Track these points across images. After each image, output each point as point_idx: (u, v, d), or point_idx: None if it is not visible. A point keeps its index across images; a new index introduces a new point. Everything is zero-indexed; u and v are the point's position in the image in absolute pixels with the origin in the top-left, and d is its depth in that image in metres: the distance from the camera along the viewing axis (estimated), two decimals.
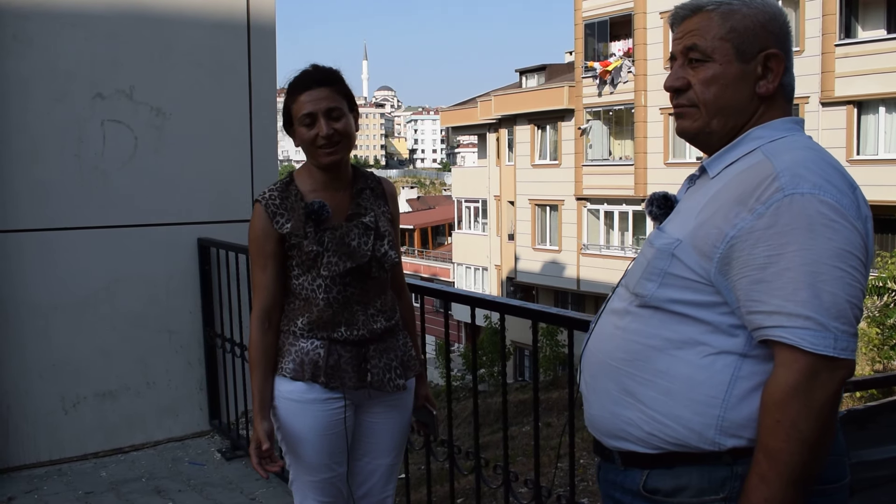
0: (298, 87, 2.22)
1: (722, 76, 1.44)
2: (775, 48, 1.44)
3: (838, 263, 1.26)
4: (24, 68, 3.86)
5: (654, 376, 1.41)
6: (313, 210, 2.19)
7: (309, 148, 2.22)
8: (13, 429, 3.93)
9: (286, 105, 2.26)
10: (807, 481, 1.29)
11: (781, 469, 1.26)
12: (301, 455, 2.25)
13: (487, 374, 20.81)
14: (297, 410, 2.22)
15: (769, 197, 1.30)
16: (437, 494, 6.07)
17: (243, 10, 4.46)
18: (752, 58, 1.43)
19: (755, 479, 1.29)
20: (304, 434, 2.23)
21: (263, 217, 2.22)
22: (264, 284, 2.24)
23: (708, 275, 1.37)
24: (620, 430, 1.46)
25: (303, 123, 2.20)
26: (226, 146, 4.44)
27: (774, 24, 1.44)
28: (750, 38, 1.43)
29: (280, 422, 2.25)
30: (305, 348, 2.22)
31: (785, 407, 1.26)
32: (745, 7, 1.44)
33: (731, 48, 1.43)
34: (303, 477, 2.29)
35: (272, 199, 2.23)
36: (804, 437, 1.25)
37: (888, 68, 16.23)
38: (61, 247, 4.00)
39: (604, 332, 1.54)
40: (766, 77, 1.44)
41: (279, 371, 2.24)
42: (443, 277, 32.36)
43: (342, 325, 2.22)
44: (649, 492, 1.43)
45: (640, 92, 21.22)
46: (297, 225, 2.20)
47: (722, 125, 1.46)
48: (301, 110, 2.19)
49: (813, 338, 1.25)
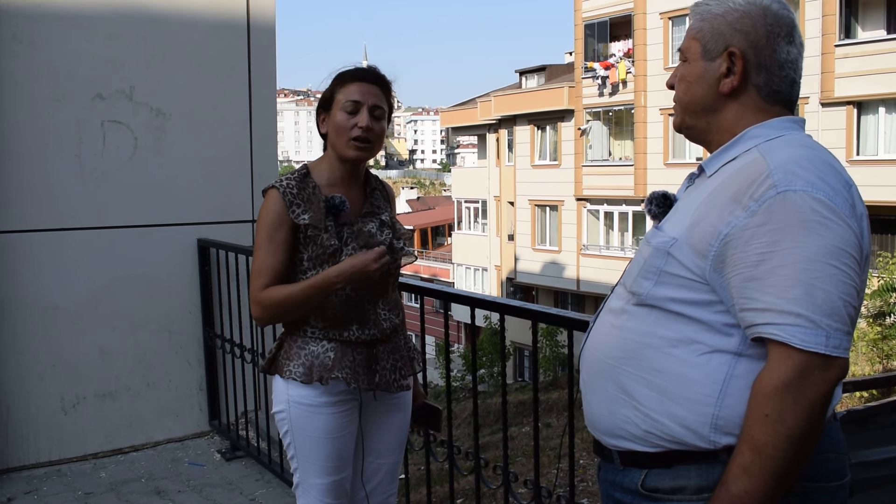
0: (351, 76, 2.21)
1: (689, 74, 1.49)
2: (740, 46, 1.43)
3: (831, 261, 1.26)
4: (24, 68, 3.86)
5: (649, 374, 1.42)
6: (334, 204, 2.15)
7: (341, 135, 2.18)
8: (13, 429, 3.93)
9: (330, 89, 2.22)
10: (789, 477, 1.28)
11: (766, 463, 1.26)
12: (311, 458, 2.23)
13: (487, 374, 20.81)
14: (308, 414, 2.20)
15: (762, 194, 1.30)
16: (436, 495, 6.07)
17: (243, 11, 4.46)
18: (717, 56, 1.45)
19: (737, 469, 1.29)
20: (316, 437, 2.21)
21: (280, 203, 2.14)
22: (273, 268, 2.14)
23: (703, 273, 1.37)
24: (618, 428, 1.46)
25: (346, 109, 2.17)
26: (226, 147, 4.44)
27: (745, 22, 1.44)
28: (715, 37, 1.45)
29: (291, 425, 2.23)
30: (316, 351, 2.19)
31: (774, 401, 1.26)
32: (716, 6, 1.47)
33: (699, 47, 1.48)
34: (311, 480, 2.26)
35: (290, 188, 2.15)
36: (791, 432, 1.25)
37: (888, 69, 16.23)
38: (61, 247, 4.00)
39: (601, 331, 1.54)
40: (728, 75, 1.45)
41: (289, 374, 2.20)
42: (442, 278, 32.34)
43: (354, 325, 2.20)
44: (649, 490, 1.44)
45: (640, 92, 21.22)
46: (316, 217, 2.15)
47: (694, 122, 1.51)
48: (349, 96, 2.17)
49: (804, 335, 1.25)
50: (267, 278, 2.14)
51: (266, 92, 4.55)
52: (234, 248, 4.07)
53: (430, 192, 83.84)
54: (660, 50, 20.70)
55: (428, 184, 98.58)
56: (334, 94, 2.21)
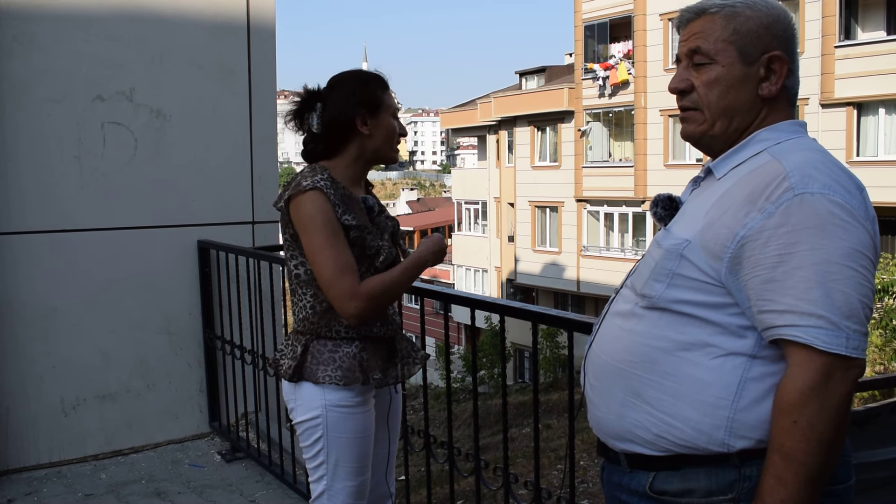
0: (386, 83, 2.33)
1: (725, 78, 1.45)
2: (778, 50, 1.44)
3: (849, 263, 1.27)
4: (24, 70, 3.86)
5: (662, 378, 1.41)
6: (369, 205, 2.25)
7: (390, 139, 2.29)
8: (13, 430, 3.93)
9: (375, 93, 2.27)
10: (822, 481, 1.28)
11: (799, 469, 1.26)
12: (343, 461, 2.23)
13: (487, 375, 20.81)
14: (346, 417, 2.20)
15: (779, 196, 1.30)
16: (436, 496, 6.06)
17: (243, 12, 4.46)
18: (755, 60, 1.44)
19: (771, 480, 1.28)
20: (352, 439, 2.22)
21: (327, 203, 2.12)
22: (352, 263, 2.13)
23: (718, 275, 1.36)
24: (627, 431, 1.46)
25: (394, 115, 2.30)
26: (226, 148, 4.44)
27: (778, 27, 1.45)
28: (753, 41, 1.44)
29: (326, 430, 2.20)
30: (350, 352, 2.21)
31: (801, 407, 1.25)
32: (748, 9, 1.45)
33: (734, 50, 1.44)
34: (339, 484, 2.24)
35: (328, 188, 2.14)
36: (822, 437, 1.25)
37: (888, 70, 16.23)
38: (61, 249, 4.00)
39: (609, 335, 1.53)
40: (769, 79, 1.44)
41: (327, 380, 2.17)
42: (443, 279, 32.31)
43: (377, 321, 2.26)
44: (656, 493, 1.43)
45: (640, 94, 21.22)
46: (361, 218, 2.20)
47: (724, 128, 1.47)
48: (393, 102, 2.31)
49: (826, 337, 1.25)
50: (354, 273, 2.12)
51: (266, 93, 4.56)
52: (234, 250, 4.07)
53: (430, 193, 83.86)
54: (660, 51, 20.70)
55: (428, 185, 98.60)
56: (381, 99, 2.26)
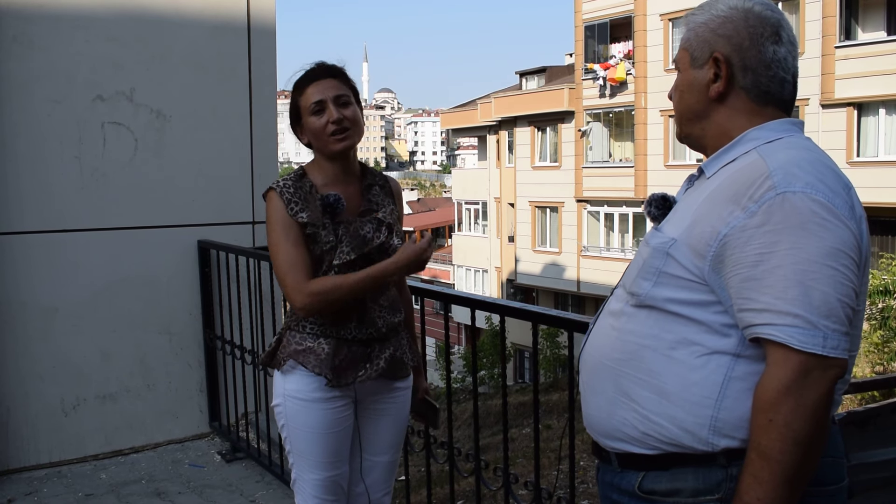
0: (305, 80, 2.26)
1: (681, 83, 1.53)
2: (723, 50, 1.45)
3: (830, 262, 1.27)
4: (24, 70, 3.87)
5: (648, 376, 1.42)
6: (329, 203, 2.20)
7: (320, 136, 2.23)
8: (13, 431, 3.93)
9: (293, 101, 2.28)
10: (800, 481, 1.28)
11: (775, 468, 1.26)
12: (306, 453, 2.27)
13: (488, 375, 20.81)
14: (302, 408, 2.24)
15: (762, 195, 1.31)
16: (437, 496, 6.07)
17: (243, 12, 4.46)
18: (704, 63, 1.48)
19: (748, 478, 1.29)
20: (310, 432, 2.24)
21: (280, 202, 2.20)
22: (304, 259, 2.18)
23: (702, 273, 1.37)
24: (616, 430, 1.47)
25: (312, 112, 2.22)
26: (226, 148, 4.44)
27: (727, 27, 1.45)
28: (701, 44, 1.48)
29: (286, 420, 2.27)
30: (312, 348, 2.23)
31: (777, 406, 1.26)
32: (701, 14, 1.50)
33: (687, 56, 1.51)
34: (306, 475, 2.30)
35: (286, 188, 2.22)
36: (797, 436, 1.25)
37: (888, 70, 16.22)
38: (61, 249, 4.00)
39: (600, 333, 1.55)
40: (716, 80, 1.46)
41: (285, 369, 2.26)
42: (443, 279, 32.34)
43: (353, 322, 2.23)
44: (645, 493, 1.44)
45: (640, 94, 21.22)
46: (314, 216, 2.20)
47: (690, 129, 1.53)
48: (310, 100, 2.22)
49: (802, 336, 1.25)
50: (303, 269, 2.17)
51: (266, 93, 4.56)
52: (234, 250, 4.07)
53: (431, 193, 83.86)
54: (660, 51, 20.70)
55: (428, 185, 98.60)
56: (298, 104, 2.27)
